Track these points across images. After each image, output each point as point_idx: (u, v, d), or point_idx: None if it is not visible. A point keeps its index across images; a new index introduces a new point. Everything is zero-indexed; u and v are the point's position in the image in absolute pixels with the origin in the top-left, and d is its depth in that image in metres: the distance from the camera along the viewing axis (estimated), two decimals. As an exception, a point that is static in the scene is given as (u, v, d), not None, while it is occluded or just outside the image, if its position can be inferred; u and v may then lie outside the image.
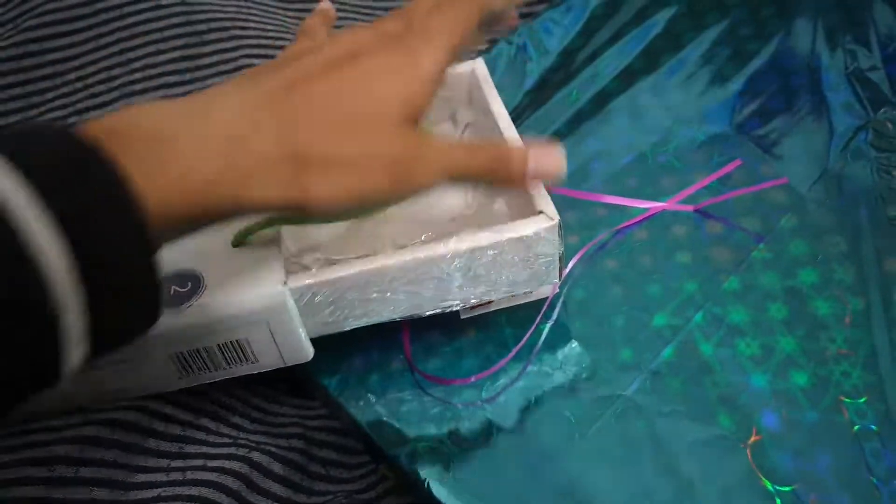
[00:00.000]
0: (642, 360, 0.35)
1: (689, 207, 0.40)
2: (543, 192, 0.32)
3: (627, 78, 0.47)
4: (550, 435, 0.33)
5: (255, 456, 0.33)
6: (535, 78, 0.48)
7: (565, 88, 0.47)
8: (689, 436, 0.32)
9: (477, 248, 0.30)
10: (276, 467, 0.33)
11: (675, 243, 0.39)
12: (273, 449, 0.34)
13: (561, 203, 0.39)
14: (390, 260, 0.30)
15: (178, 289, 0.30)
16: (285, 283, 0.29)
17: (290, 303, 0.30)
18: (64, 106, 0.45)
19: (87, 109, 0.45)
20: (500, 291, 0.32)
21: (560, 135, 0.45)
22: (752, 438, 0.32)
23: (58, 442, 0.30)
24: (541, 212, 0.31)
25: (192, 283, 0.30)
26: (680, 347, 0.35)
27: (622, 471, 0.32)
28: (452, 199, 0.37)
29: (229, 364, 0.31)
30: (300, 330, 0.30)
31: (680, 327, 0.36)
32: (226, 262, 0.31)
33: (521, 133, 0.36)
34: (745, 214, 0.40)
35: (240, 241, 0.31)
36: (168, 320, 0.29)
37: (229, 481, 0.32)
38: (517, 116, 0.46)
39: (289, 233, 0.33)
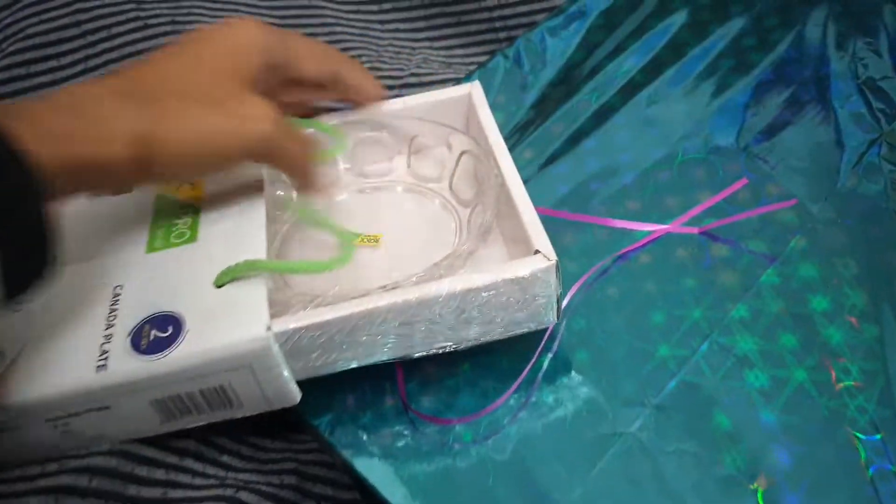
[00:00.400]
0: (646, 395, 0.33)
1: (694, 230, 0.39)
2: (541, 229, 0.31)
3: (630, 92, 0.46)
4: (550, 476, 0.32)
5: (244, 496, 0.32)
6: (535, 92, 0.47)
7: (566, 104, 0.46)
8: (694, 476, 0.31)
9: (471, 290, 0.29)
10: None
11: (680, 268, 0.37)
12: (263, 487, 0.33)
13: (560, 226, 0.38)
14: (381, 301, 0.29)
15: (158, 333, 0.28)
16: (269, 327, 0.28)
17: (275, 347, 0.28)
18: None
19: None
20: (494, 332, 0.31)
21: (560, 153, 0.43)
22: (762, 478, 0.31)
23: (32, 493, 0.29)
24: (538, 251, 0.30)
25: (173, 326, 0.29)
26: (685, 380, 0.34)
27: (625, 513, 0.30)
28: (446, 236, 0.35)
29: (213, 409, 0.30)
30: (286, 374, 0.29)
31: (685, 358, 0.34)
32: (208, 303, 0.29)
33: (517, 157, 0.35)
34: (753, 236, 0.38)
35: (223, 282, 0.30)
36: (149, 367, 0.28)
37: (216, 526, 0.30)
38: (519, 132, 0.45)
39: (274, 276, 0.32)
